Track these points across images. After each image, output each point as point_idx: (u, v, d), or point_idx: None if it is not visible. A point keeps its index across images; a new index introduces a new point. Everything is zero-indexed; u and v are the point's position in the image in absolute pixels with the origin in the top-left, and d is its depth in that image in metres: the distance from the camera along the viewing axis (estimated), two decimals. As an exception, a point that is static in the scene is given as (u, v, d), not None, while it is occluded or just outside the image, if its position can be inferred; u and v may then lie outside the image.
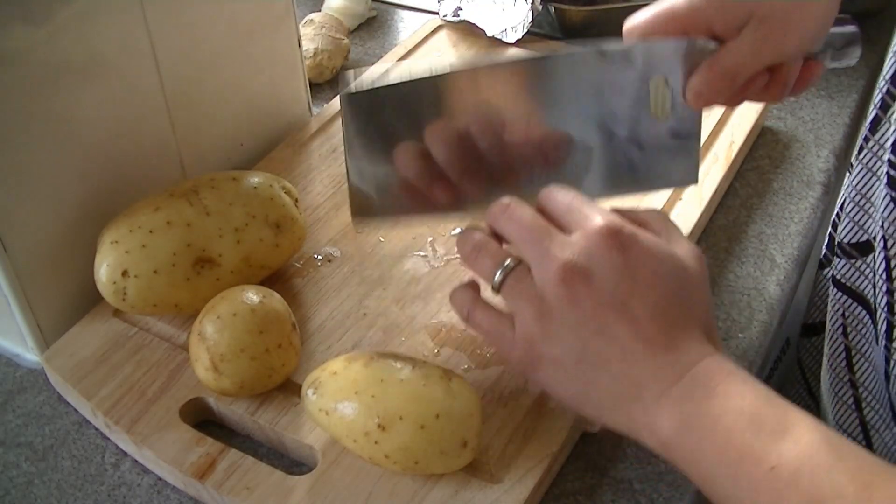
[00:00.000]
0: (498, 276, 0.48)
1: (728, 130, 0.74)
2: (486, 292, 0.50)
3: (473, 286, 0.51)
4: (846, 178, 0.64)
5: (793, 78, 0.55)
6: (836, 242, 0.65)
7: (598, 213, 0.47)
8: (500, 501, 0.48)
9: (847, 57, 0.57)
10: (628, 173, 0.57)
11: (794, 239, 0.69)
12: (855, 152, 0.61)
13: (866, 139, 0.57)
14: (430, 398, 0.47)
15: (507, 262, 0.48)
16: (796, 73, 0.55)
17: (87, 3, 0.55)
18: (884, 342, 0.60)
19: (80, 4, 0.55)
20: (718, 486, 0.43)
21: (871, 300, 0.61)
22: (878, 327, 0.60)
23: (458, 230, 0.63)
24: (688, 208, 0.67)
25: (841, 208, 0.67)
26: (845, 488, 0.39)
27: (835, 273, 0.62)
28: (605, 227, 0.46)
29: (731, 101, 0.56)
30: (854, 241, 0.60)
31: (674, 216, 0.66)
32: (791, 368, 0.80)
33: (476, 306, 0.50)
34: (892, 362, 0.59)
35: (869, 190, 0.59)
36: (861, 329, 0.62)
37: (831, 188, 0.76)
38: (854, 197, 0.60)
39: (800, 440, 0.41)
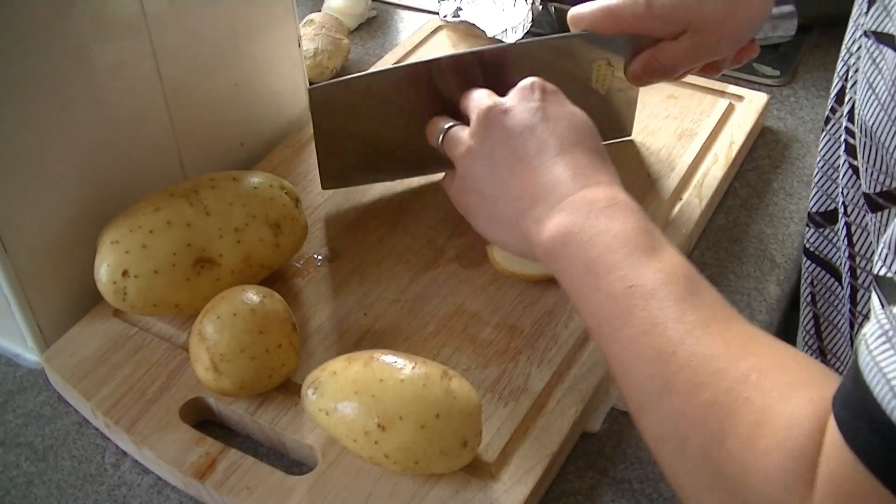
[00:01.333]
0: (440, 135, 0.58)
1: (728, 130, 0.74)
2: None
3: (445, 119, 0.60)
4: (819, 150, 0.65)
5: (727, 63, 0.66)
6: (807, 213, 0.66)
7: (483, 102, 0.56)
8: (500, 501, 0.48)
9: (782, 30, 0.67)
10: None
11: (794, 239, 0.69)
12: (823, 124, 0.62)
13: (833, 110, 0.58)
14: (430, 398, 0.47)
15: (448, 124, 0.58)
16: (731, 59, 0.65)
17: (87, 3, 0.55)
18: (848, 306, 0.60)
19: (80, 4, 0.55)
20: (582, 297, 0.47)
21: (840, 268, 0.62)
22: (844, 292, 0.61)
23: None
24: (688, 208, 0.67)
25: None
26: (687, 316, 0.42)
27: (806, 243, 0.63)
28: (530, 80, 0.55)
29: (669, 80, 0.67)
30: (822, 209, 0.61)
31: (674, 216, 0.66)
32: None
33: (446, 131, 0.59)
34: (855, 326, 0.60)
35: (836, 160, 0.60)
36: (830, 298, 0.63)
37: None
38: (822, 167, 0.61)
39: (663, 269, 0.44)
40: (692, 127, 0.74)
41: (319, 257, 0.64)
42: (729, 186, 0.73)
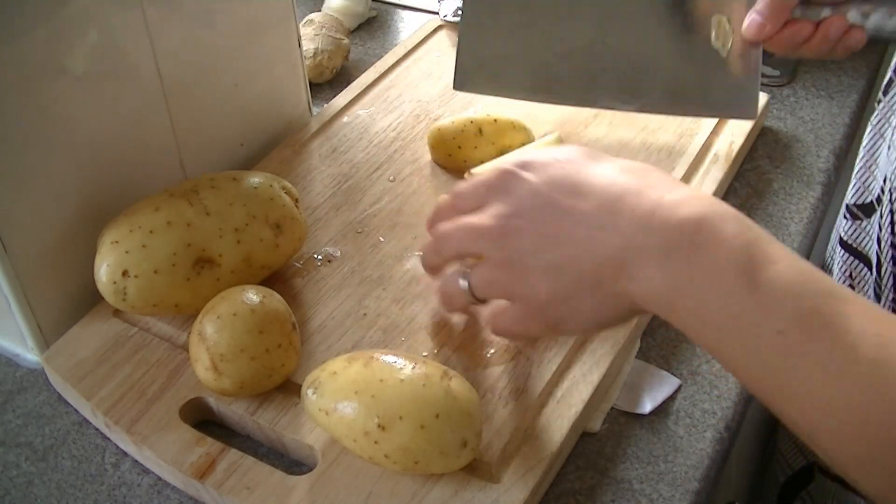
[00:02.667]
0: (464, 286, 0.51)
1: (728, 130, 0.74)
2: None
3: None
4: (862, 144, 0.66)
5: (836, 33, 0.61)
6: (844, 204, 0.66)
7: (487, 173, 0.50)
8: (500, 501, 0.48)
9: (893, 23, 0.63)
10: (693, 94, 0.68)
11: (794, 239, 0.69)
12: (870, 117, 0.63)
13: (878, 101, 0.59)
14: (430, 398, 0.47)
15: (463, 272, 0.51)
16: (839, 30, 0.62)
17: (87, 3, 0.55)
18: (891, 295, 0.60)
19: (80, 4, 0.55)
20: (725, 349, 0.41)
21: (873, 259, 0.62)
22: (884, 282, 0.61)
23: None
24: (688, 208, 0.67)
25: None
26: (859, 351, 0.37)
27: (841, 234, 0.63)
28: (497, 171, 0.49)
29: (783, 46, 0.63)
30: (860, 202, 0.61)
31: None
32: None
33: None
34: None
35: (876, 151, 0.60)
36: (865, 289, 0.63)
37: (831, 188, 0.76)
38: (864, 158, 0.61)
39: (804, 294, 0.39)
40: (692, 127, 0.74)
41: (319, 257, 0.64)
42: (729, 186, 0.73)
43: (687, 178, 0.69)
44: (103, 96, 0.58)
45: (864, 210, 0.62)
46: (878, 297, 0.63)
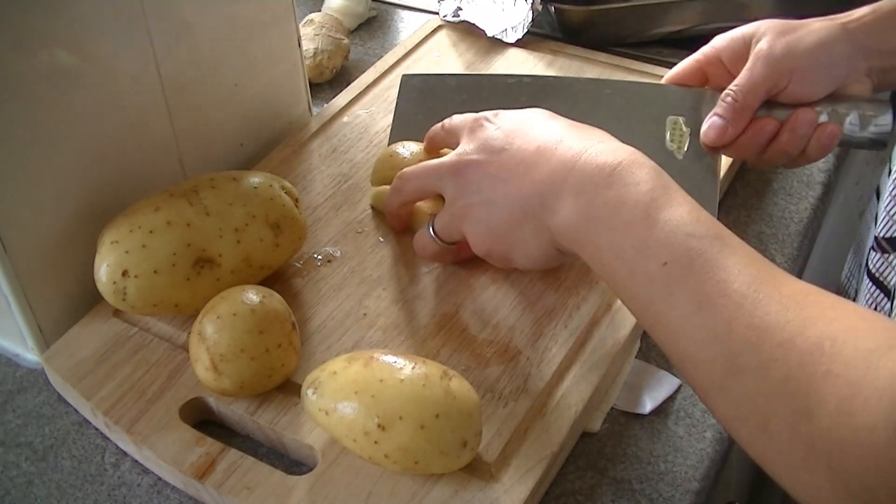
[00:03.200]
0: (429, 231, 0.58)
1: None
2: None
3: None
4: (890, 174, 0.65)
5: (804, 127, 0.58)
6: (874, 236, 0.66)
7: (469, 115, 0.56)
8: (500, 501, 0.48)
9: (874, 126, 0.59)
10: None
11: (794, 239, 0.69)
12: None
13: None
14: (430, 398, 0.47)
15: (431, 221, 0.58)
16: (808, 124, 0.58)
17: (87, 3, 0.55)
18: None
19: (80, 4, 0.55)
20: (619, 285, 0.46)
21: (891, 290, 0.62)
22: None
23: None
24: (688, 208, 0.67)
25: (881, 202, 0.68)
26: (731, 286, 0.40)
27: (870, 265, 0.63)
28: (473, 118, 0.55)
29: (746, 149, 0.60)
30: (888, 235, 0.61)
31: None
32: None
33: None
34: None
35: None
36: None
37: (831, 188, 0.76)
38: (893, 191, 0.61)
39: (689, 229, 0.43)
40: (692, 127, 0.74)
41: (319, 257, 0.64)
42: (729, 186, 0.73)
43: (687, 178, 0.69)
44: (103, 96, 0.58)
45: (892, 243, 0.62)
46: None
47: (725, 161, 0.71)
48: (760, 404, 0.38)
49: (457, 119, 0.58)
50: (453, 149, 0.57)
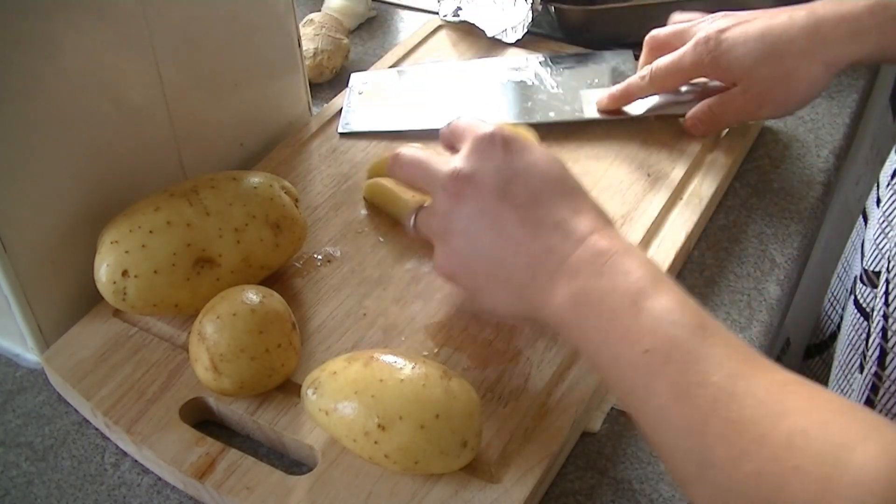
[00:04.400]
0: (410, 222, 0.56)
1: (728, 130, 0.74)
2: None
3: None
4: (878, 202, 0.65)
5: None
6: (862, 267, 0.66)
7: (478, 125, 0.52)
8: (500, 501, 0.48)
9: None
10: None
11: (794, 239, 0.69)
12: (888, 178, 0.61)
13: None
14: (430, 398, 0.47)
15: (419, 209, 0.56)
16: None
17: (87, 3, 0.55)
18: (874, 369, 0.59)
19: (80, 4, 0.55)
20: (604, 368, 0.45)
21: (873, 327, 0.62)
22: (870, 353, 0.60)
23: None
24: (688, 208, 0.67)
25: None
26: (711, 377, 0.40)
27: (857, 295, 0.62)
28: (483, 133, 0.51)
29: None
30: (874, 268, 0.61)
31: (674, 216, 0.66)
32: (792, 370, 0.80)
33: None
34: (880, 390, 0.59)
35: (895, 219, 0.60)
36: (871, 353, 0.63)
37: (831, 188, 0.76)
38: (881, 222, 0.60)
39: (676, 322, 0.42)
40: (692, 127, 0.74)
41: (319, 257, 0.64)
42: (729, 186, 0.73)
43: (687, 178, 0.69)
44: (103, 97, 0.58)
45: (871, 279, 0.61)
46: (861, 366, 0.62)
47: (725, 161, 0.71)
48: (731, 499, 0.38)
49: (464, 122, 0.54)
50: (453, 149, 0.55)
